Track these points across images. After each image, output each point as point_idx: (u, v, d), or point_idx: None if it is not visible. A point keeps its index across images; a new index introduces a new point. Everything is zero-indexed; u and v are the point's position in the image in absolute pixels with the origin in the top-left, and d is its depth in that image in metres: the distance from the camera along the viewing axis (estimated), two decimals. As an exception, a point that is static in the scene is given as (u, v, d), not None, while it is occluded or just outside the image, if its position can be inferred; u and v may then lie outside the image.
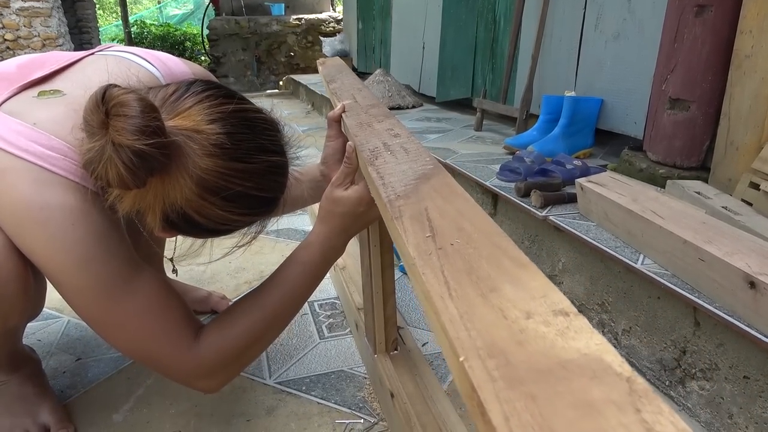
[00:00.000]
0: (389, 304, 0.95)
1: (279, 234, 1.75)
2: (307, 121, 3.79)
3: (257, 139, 0.66)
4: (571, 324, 0.33)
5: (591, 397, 0.28)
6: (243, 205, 0.66)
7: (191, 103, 0.63)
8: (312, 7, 7.41)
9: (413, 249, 0.44)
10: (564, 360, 0.30)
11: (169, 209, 0.62)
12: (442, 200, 0.53)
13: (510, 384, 0.29)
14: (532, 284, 0.38)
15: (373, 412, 0.95)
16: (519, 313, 0.35)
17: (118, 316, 0.68)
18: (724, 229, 1.06)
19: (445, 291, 0.38)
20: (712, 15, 1.74)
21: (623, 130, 2.45)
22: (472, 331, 0.33)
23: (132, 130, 0.55)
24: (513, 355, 0.31)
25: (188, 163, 0.60)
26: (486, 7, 3.51)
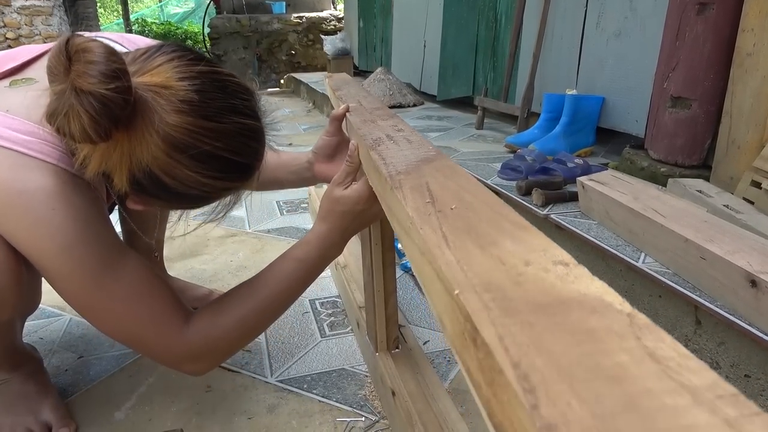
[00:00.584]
0: (390, 302, 0.96)
1: (280, 233, 1.76)
2: (308, 119, 3.79)
3: (229, 100, 0.64)
4: (571, 271, 0.32)
5: (590, 326, 0.27)
6: (213, 167, 0.64)
7: (161, 62, 0.62)
8: (313, 6, 7.40)
9: (412, 210, 0.43)
10: (563, 298, 0.29)
11: (136, 168, 0.61)
12: (443, 177, 0.52)
13: (506, 312, 0.28)
14: (533, 241, 0.37)
15: (375, 411, 0.95)
16: (517, 261, 0.34)
17: (104, 301, 0.68)
18: (726, 227, 1.06)
19: (442, 243, 0.37)
20: (714, 13, 1.74)
21: (624, 129, 2.44)
22: (469, 273, 0.32)
23: (95, 74, 0.53)
24: (510, 291, 0.30)
25: (155, 119, 0.59)
26: (487, 5, 3.50)
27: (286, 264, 0.78)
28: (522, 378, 0.23)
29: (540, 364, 0.24)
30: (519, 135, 2.67)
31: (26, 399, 0.92)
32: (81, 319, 1.24)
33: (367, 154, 0.67)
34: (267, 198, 2.10)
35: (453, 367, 1.07)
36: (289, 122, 3.73)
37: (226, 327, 0.74)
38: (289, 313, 1.26)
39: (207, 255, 1.59)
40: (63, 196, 0.64)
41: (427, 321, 1.23)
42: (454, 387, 1.02)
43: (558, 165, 1.98)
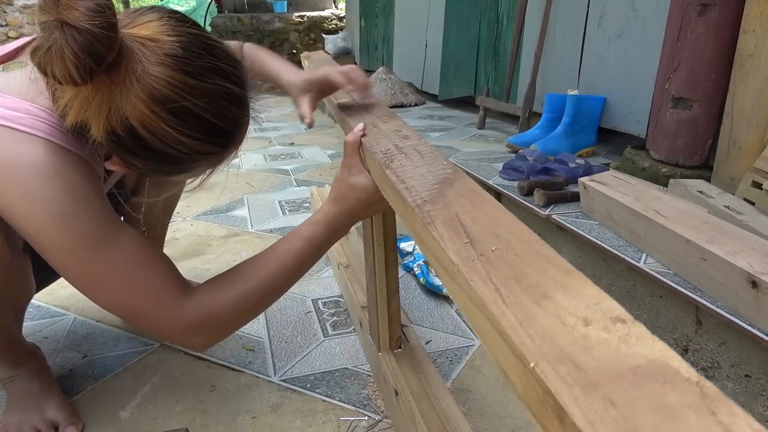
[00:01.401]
0: (393, 302, 0.96)
1: (282, 232, 1.76)
2: (310, 118, 3.79)
3: (214, 62, 0.64)
4: (631, 330, 0.33)
5: (667, 401, 0.28)
6: (192, 126, 0.64)
7: (151, 18, 0.63)
8: (314, 5, 7.40)
9: (454, 255, 0.44)
10: (632, 366, 0.30)
11: (114, 117, 0.60)
12: (470, 206, 0.52)
13: (585, 390, 0.29)
14: (584, 292, 0.38)
15: (378, 410, 0.96)
16: (577, 320, 0.35)
17: (100, 273, 0.67)
18: (727, 228, 1.06)
19: (498, 298, 0.38)
20: (716, 14, 1.75)
21: (626, 129, 2.45)
22: (536, 338, 0.33)
23: (81, 8, 0.54)
24: (581, 361, 0.31)
25: (138, 69, 0.59)
26: (489, 4, 3.50)
27: (292, 243, 0.78)
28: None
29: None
30: (520, 135, 2.68)
31: (32, 397, 0.93)
32: (85, 319, 1.25)
33: (380, 170, 0.67)
34: (269, 198, 2.10)
35: (455, 367, 1.08)
36: (291, 121, 3.74)
37: (228, 301, 0.73)
38: (292, 313, 1.27)
39: (210, 254, 1.60)
40: (56, 169, 0.65)
41: (429, 321, 1.24)
42: (456, 386, 1.02)
43: (560, 165, 1.99)
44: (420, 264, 1.40)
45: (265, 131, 3.40)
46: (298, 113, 0.90)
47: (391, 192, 0.63)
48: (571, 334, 0.33)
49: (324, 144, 3.01)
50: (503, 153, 2.40)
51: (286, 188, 2.24)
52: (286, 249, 0.77)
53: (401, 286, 1.33)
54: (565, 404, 0.28)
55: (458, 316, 1.25)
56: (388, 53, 5.14)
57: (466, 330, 1.20)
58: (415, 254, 1.46)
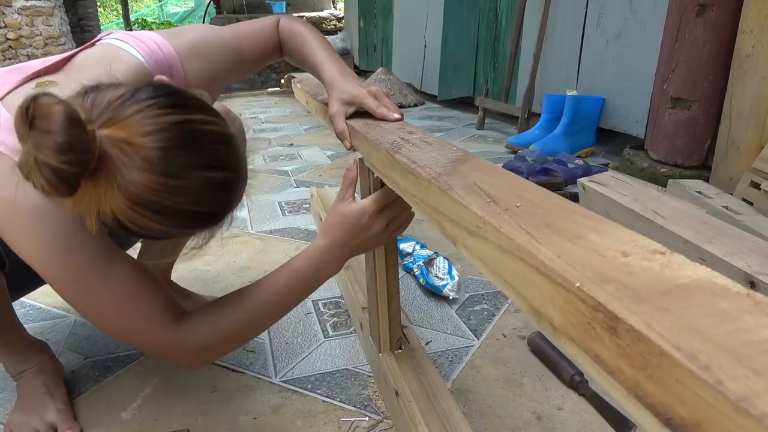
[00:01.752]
0: (393, 303, 0.97)
1: (283, 233, 1.77)
2: (310, 119, 3.80)
3: (196, 155, 0.62)
4: (671, 259, 0.33)
5: (721, 307, 0.28)
6: (177, 219, 0.63)
7: (131, 112, 0.60)
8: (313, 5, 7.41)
9: (479, 210, 0.43)
10: (679, 284, 0.30)
11: (103, 214, 0.61)
12: (488, 176, 0.52)
13: (637, 301, 0.29)
14: (616, 233, 0.38)
15: (378, 410, 0.96)
16: (615, 253, 0.35)
17: (94, 303, 0.71)
18: (725, 228, 1.07)
19: (530, 239, 0.37)
20: (714, 15, 1.75)
21: (625, 129, 2.46)
22: (576, 266, 0.33)
23: (51, 147, 0.53)
24: (627, 282, 0.31)
25: (118, 175, 0.58)
26: (488, 5, 3.51)
27: (282, 274, 0.80)
28: (691, 358, 0.25)
29: (698, 344, 0.25)
30: (520, 135, 2.68)
31: (35, 397, 0.94)
32: (86, 321, 1.25)
33: (387, 158, 0.67)
34: (269, 199, 2.11)
35: (455, 367, 1.08)
36: (290, 122, 3.74)
37: (218, 330, 0.76)
38: (292, 314, 1.27)
39: (210, 256, 1.60)
40: (47, 209, 0.67)
41: (429, 321, 1.24)
42: (457, 387, 1.03)
43: (559, 166, 1.99)
44: (420, 265, 1.40)
45: (265, 132, 3.41)
46: (336, 129, 0.89)
47: (400, 176, 0.62)
48: (612, 263, 0.33)
49: (323, 144, 3.01)
50: (502, 153, 2.40)
51: (286, 189, 2.24)
52: (276, 281, 0.80)
53: (401, 286, 1.33)
54: (618, 312, 0.28)
55: (458, 317, 1.26)
56: (387, 54, 5.14)
57: (466, 330, 1.20)
58: (415, 255, 1.47)
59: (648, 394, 0.27)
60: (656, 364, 0.26)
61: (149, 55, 0.82)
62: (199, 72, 0.88)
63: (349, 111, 0.89)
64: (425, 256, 1.43)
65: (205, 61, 0.89)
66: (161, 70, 0.82)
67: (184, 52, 0.86)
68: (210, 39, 0.90)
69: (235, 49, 0.93)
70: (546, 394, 1.00)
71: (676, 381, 0.25)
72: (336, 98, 0.89)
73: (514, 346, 1.15)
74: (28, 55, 5.25)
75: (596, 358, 0.30)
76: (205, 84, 0.88)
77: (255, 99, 4.98)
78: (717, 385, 0.23)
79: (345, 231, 0.79)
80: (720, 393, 0.23)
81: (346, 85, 0.89)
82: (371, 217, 0.79)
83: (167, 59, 0.84)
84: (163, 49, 0.84)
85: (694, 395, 0.24)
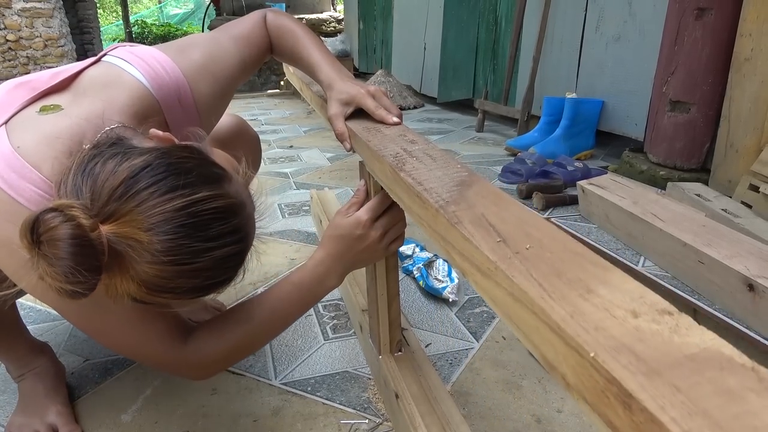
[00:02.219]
0: (393, 305, 0.97)
1: (282, 235, 1.77)
2: (309, 121, 3.80)
3: (205, 238, 0.61)
4: (679, 322, 0.34)
5: (728, 385, 0.29)
6: (194, 294, 0.64)
7: (134, 204, 0.58)
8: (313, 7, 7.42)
9: (490, 253, 0.43)
10: (688, 354, 0.31)
11: (120, 297, 0.62)
12: (495, 207, 0.52)
13: (649, 377, 0.30)
14: (625, 286, 0.38)
15: (378, 413, 0.97)
16: (626, 313, 0.35)
17: (99, 329, 0.73)
18: (724, 231, 1.07)
19: (542, 292, 0.38)
20: (713, 18, 1.76)
21: (624, 132, 2.46)
22: (590, 330, 0.34)
23: (61, 273, 0.53)
24: (638, 351, 0.32)
25: (130, 269, 0.59)
26: (487, 7, 3.52)
27: (283, 288, 0.81)
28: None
29: (706, 429, 0.26)
30: (519, 138, 2.68)
31: (36, 399, 0.95)
32: (86, 322, 1.25)
33: (392, 173, 0.67)
34: (268, 201, 2.11)
35: (455, 370, 1.08)
36: (290, 124, 3.75)
37: (222, 346, 0.78)
38: (292, 316, 1.27)
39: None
40: None
41: (428, 324, 1.25)
42: (456, 389, 1.03)
43: (558, 168, 2.00)
44: (419, 267, 1.41)
45: (264, 134, 3.41)
46: (336, 131, 0.89)
47: (406, 195, 0.63)
48: (623, 326, 0.34)
49: (323, 146, 3.02)
50: (502, 156, 2.40)
51: (286, 191, 2.24)
52: (276, 294, 0.81)
53: (401, 289, 1.33)
54: (633, 390, 0.29)
55: (457, 319, 1.26)
56: (387, 56, 5.14)
57: (466, 333, 1.21)
58: (415, 257, 1.47)
59: None
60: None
61: (154, 80, 0.79)
62: (208, 92, 0.86)
63: (348, 111, 0.89)
64: (425, 258, 1.43)
65: (214, 79, 0.86)
66: (167, 94, 0.80)
67: (191, 73, 0.83)
68: (216, 54, 0.87)
69: (240, 58, 0.91)
70: (546, 397, 1.00)
71: None
72: (335, 99, 0.90)
73: (514, 348, 1.15)
74: (27, 57, 5.25)
75: (609, 424, 0.31)
76: (215, 104, 0.88)
77: (254, 101, 4.98)
78: None
79: (340, 242, 0.81)
80: None
81: (345, 86, 0.90)
82: (365, 226, 0.80)
83: (174, 82, 0.81)
84: (169, 71, 0.81)
85: None
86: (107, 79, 0.78)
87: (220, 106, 0.91)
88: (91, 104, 0.71)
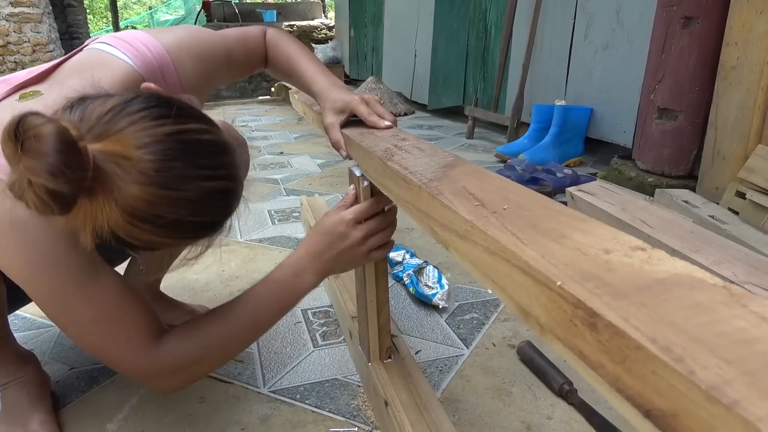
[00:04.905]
0: (383, 312, 0.96)
1: (272, 242, 1.76)
2: (300, 127, 3.80)
3: (194, 166, 0.60)
4: (652, 255, 0.34)
5: (697, 300, 0.29)
6: (177, 231, 0.62)
7: (124, 124, 0.58)
8: (304, 14, 7.43)
9: (467, 214, 0.44)
10: (658, 279, 0.31)
11: (98, 230, 0.59)
12: (477, 180, 0.53)
13: (615, 297, 0.30)
14: (599, 231, 0.39)
15: (368, 420, 0.96)
16: (597, 251, 0.36)
17: (73, 320, 0.69)
18: (711, 238, 1.08)
19: (515, 240, 0.38)
20: (699, 27, 1.78)
21: (612, 139, 2.48)
22: (559, 265, 0.34)
23: (45, 169, 0.51)
24: (607, 278, 0.32)
25: (115, 190, 0.57)
26: (477, 15, 3.54)
27: (260, 287, 0.79)
28: (665, 350, 0.25)
29: (672, 336, 0.26)
30: (509, 145, 2.70)
31: (19, 408, 0.93)
32: (72, 330, 1.24)
33: (380, 165, 0.67)
34: (258, 207, 2.10)
35: (445, 377, 1.08)
36: (281, 130, 3.74)
37: (197, 347, 0.75)
38: (281, 324, 1.27)
39: (198, 265, 1.59)
40: (24, 227, 0.65)
41: (419, 331, 1.24)
42: (446, 396, 1.02)
43: (548, 175, 2.01)
44: (410, 274, 1.40)
45: (255, 140, 3.40)
46: (331, 139, 0.89)
47: (393, 182, 0.63)
48: (594, 261, 0.34)
49: (313, 153, 3.01)
50: (492, 163, 2.41)
51: (276, 197, 2.24)
52: (254, 293, 0.79)
53: (391, 296, 1.33)
54: (596, 308, 0.29)
55: (448, 326, 1.26)
56: (378, 63, 5.16)
57: (456, 340, 1.20)
58: (405, 264, 1.47)
59: (628, 387, 0.28)
60: (633, 358, 0.27)
61: (138, 57, 0.79)
62: (191, 71, 0.85)
63: (343, 119, 0.89)
64: (415, 265, 1.43)
65: (198, 60, 0.86)
66: (152, 71, 0.80)
67: (175, 51, 0.83)
68: (202, 37, 0.89)
69: (226, 49, 0.92)
70: (535, 404, 1.00)
71: (653, 373, 0.26)
72: (329, 108, 0.90)
73: (504, 355, 1.15)
74: (15, 62, 5.21)
75: (580, 354, 0.31)
76: (198, 84, 0.87)
77: (245, 107, 4.97)
78: (689, 376, 0.24)
79: (321, 239, 0.79)
80: (692, 383, 0.24)
81: (338, 94, 0.90)
82: (348, 225, 0.78)
83: (157, 60, 0.81)
84: (153, 49, 0.81)
85: (670, 386, 0.25)
86: (90, 62, 0.78)
87: (203, 87, 0.90)
88: (73, 84, 0.69)
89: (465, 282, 1.47)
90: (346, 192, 0.85)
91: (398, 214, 0.84)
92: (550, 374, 1.03)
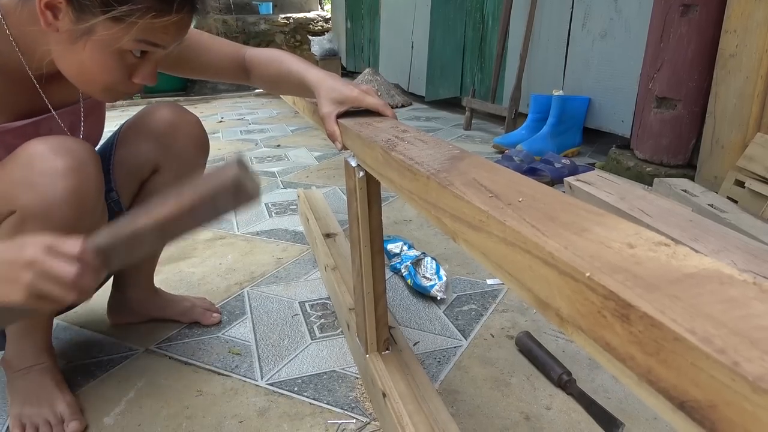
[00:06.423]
0: (380, 304, 0.96)
1: (269, 235, 1.75)
2: (296, 120, 3.78)
3: None
4: (677, 250, 0.34)
5: (730, 295, 0.29)
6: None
7: None
8: (300, 6, 7.38)
9: (482, 205, 0.43)
10: (687, 273, 0.31)
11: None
12: (487, 173, 0.52)
13: (647, 290, 0.29)
14: (620, 226, 0.38)
15: (366, 412, 0.95)
16: (621, 245, 0.35)
17: None
18: (711, 226, 1.07)
19: (536, 232, 0.37)
20: (698, 14, 1.77)
21: (611, 129, 2.47)
22: (585, 257, 0.33)
23: None
24: (636, 271, 0.31)
25: None
26: (474, 6, 3.52)
27: None
28: (705, 341, 0.25)
29: (711, 329, 0.26)
30: (507, 135, 2.69)
31: (44, 390, 0.95)
32: (68, 324, 1.23)
33: (383, 155, 0.66)
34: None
35: (443, 368, 1.08)
36: (277, 123, 3.73)
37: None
38: (278, 316, 1.26)
39: (196, 258, 1.58)
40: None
41: (416, 322, 1.24)
42: (445, 387, 1.02)
43: (546, 165, 2.00)
44: (407, 265, 1.40)
45: (251, 133, 3.38)
46: (327, 130, 0.88)
47: (397, 173, 0.62)
48: (620, 254, 0.34)
49: (310, 146, 3.00)
50: (490, 153, 2.40)
51: (273, 190, 2.23)
52: None
53: (388, 287, 1.32)
54: (630, 299, 0.29)
55: (446, 317, 1.25)
56: (375, 55, 5.14)
57: (454, 331, 1.20)
58: (403, 256, 1.46)
59: (661, 379, 0.27)
60: (670, 349, 0.26)
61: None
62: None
63: (341, 110, 0.88)
64: (413, 256, 1.42)
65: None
66: None
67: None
68: None
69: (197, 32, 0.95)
70: (534, 394, 0.99)
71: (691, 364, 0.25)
72: (326, 98, 0.88)
73: (502, 345, 1.14)
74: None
75: (606, 346, 0.31)
76: None
77: (242, 101, 4.95)
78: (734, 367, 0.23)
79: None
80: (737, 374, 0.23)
81: (335, 84, 0.88)
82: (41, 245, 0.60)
83: None
84: None
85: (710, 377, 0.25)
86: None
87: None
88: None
89: (463, 273, 1.46)
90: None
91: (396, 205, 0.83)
92: (548, 365, 1.03)
